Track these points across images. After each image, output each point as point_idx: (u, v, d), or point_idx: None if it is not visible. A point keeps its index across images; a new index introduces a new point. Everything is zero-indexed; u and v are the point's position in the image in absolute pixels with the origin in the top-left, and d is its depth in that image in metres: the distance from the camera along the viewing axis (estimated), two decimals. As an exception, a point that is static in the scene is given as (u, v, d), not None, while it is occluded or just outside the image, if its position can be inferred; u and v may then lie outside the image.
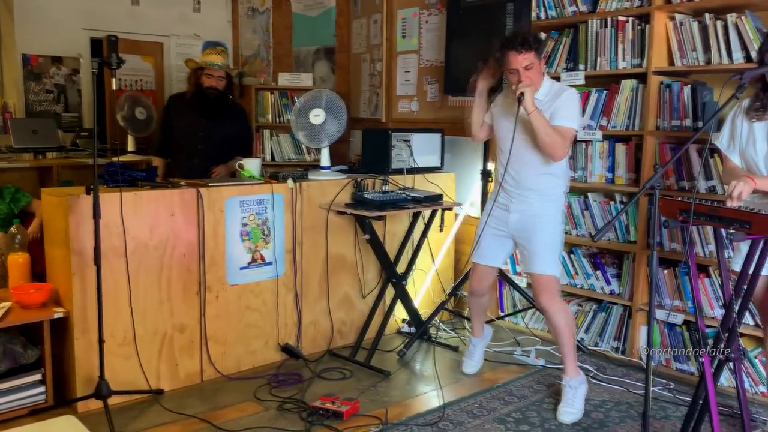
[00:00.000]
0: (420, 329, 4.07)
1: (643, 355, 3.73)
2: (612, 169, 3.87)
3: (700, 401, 2.56)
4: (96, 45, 5.91)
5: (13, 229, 3.45)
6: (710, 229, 3.37)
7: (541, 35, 4.15)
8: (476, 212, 4.40)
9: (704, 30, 3.45)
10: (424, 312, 4.24)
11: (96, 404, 2.99)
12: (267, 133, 5.67)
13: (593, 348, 3.96)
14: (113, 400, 3.00)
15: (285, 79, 5.70)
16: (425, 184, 4.17)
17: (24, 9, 5.61)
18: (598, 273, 3.95)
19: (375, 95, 5.45)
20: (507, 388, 3.47)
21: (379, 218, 3.72)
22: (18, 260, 3.31)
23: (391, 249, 4.05)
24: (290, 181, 3.70)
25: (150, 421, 3.02)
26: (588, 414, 3.17)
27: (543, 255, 3.20)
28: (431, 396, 3.39)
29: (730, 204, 2.40)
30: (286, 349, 3.74)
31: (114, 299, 3.09)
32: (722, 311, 2.86)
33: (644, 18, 3.68)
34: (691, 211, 2.35)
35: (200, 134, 4.20)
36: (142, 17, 6.21)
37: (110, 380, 2.95)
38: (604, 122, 3.86)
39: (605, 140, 3.88)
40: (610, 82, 3.85)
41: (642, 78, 3.70)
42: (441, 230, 4.11)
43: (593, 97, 3.90)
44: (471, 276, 3.51)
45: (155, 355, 3.29)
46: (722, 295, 3.02)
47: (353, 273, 4.04)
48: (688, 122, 3.52)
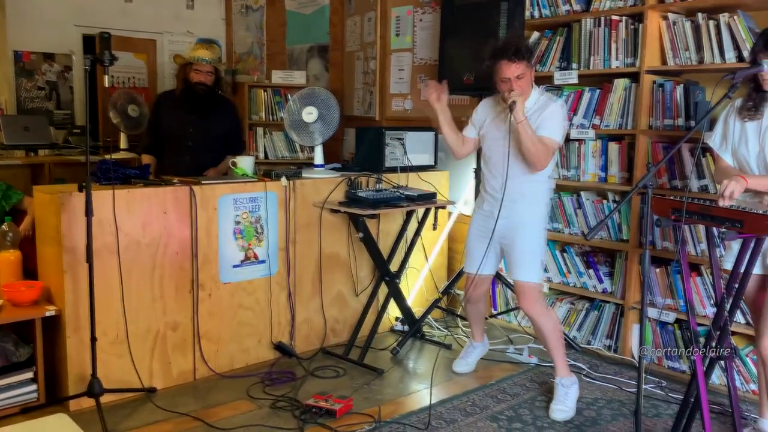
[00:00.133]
0: (413, 327, 4.07)
1: (636, 354, 3.75)
2: (605, 168, 3.88)
3: (692, 399, 2.57)
4: (88, 42, 5.87)
5: (5, 227, 3.42)
6: (702, 228, 3.39)
7: (533, 37, 4.16)
8: (469, 211, 4.41)
9: (697, 29, 3.46)
10: (417, 310, 4.25)
11: (88, 402, 2.98)
12: (260, 131, 5.66)
13: (585, 346, 3.97)
14: (105, 399, 2.99)
15: (278, 77, 5.69)
16: (419, 183, 4.17)
17: (16, 5, 5.57)
18: (591, 271, 3.97)
19: (369, 93, 5.45)
20: (500, 386, 3.48)
21: (373, 216, 3.72)
22: (9, 258, 3.29)
23: (385, 247, 4.05)
24: (284, 179, 3.69)
25: (142, 420, 3.02)
26: (580, 412, 3.18)
27: (524, 262, 3.24)
28: (424, 394, 3.39)
29: (722, 203, 2.42)
30: (280, 348, 3.74)
31: (106, 297, 3.08)
32: (714, 310, 2.87)
33: (637, 17, 3.69)
34: (684, 210, 2.36)
35: (190, 131, 4.17)
36: (135, 14, 6.18)
37: (102, 378, 2.94)
38: (597, 121, 3.87)
39: (598, 139, 3.89)
40: (603, 81, 3.86)
41: (635, 77, 3.71)
42: (434, 229, 4.12)
43: (586, 96, 3.91)
44: (466, 284, 3.54)
45: (148, 353, 3.28)
46: (714, 294, 3.04)
47: (347, 271, 4.04)
48: (681, 121, 3.54)
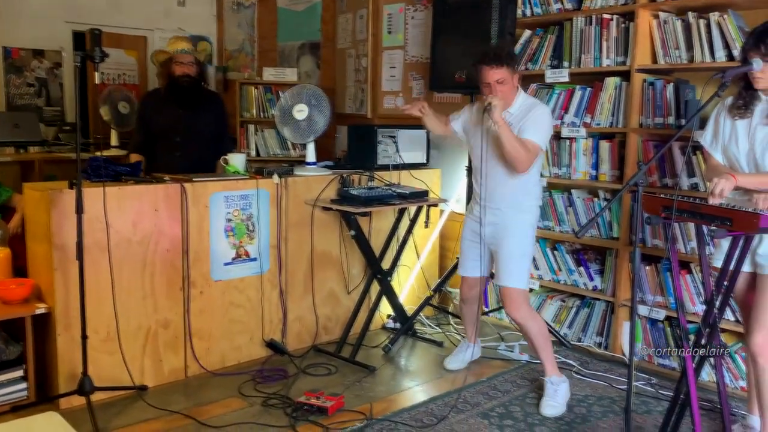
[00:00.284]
0: (405, 325, 4.08)
1: (626, 351, 3.77)
2: (596, 166, 3.89)
3: (682, 396, 2.59)
4: (78, 38, 5.84)
5: (-5, 224, 3.42)
6: (692, 226, 3.41)
7: (524, 36, 4.17)
8: (461, 209, 4.42)
9: (687, 28, 3.48)
10: (409, 308, 4.25)
11: (79, 400, 2.97)
12: (252, 128, 5.64)
13: (576, 343, 3.99)
14: (96, 397, 2.98)
15: (270, 74, 5.67)
16: (411, 180, 4.17)
17: (5, 1, 5.53)
18: (581, 269, 3.98)
19: (360, 91, 5.44)
20: (491, 383, 3.49)
21: (365, 214, 3.72)
22: (-1, 255, 3.28)
23: (377, 245, 4.05)
24: (275, 177, 3.69)
25: (134, 418, 3.01)
26: (571, 408, 3.20)
27: (509, 268, 3.26)
28: (416, 391, 3.40)
29: (712, 201, 2.43)
30: (271, 345, 3.73)
31: (97, 295, 3.07)
32: (703, 307, 2.89)
33: (628, 16, 3.70)
34: (674, 208, 2.37)
35: (180, 127, 4.09)
36: (126, 11, 6.15)
37: (93, 376, 2.93)
38: (588, 119, 3.88)
39: (589, 137, 3.90)
40: (594, 80, 3.87)
41: (626, 76, 3.72)
42: (426, 226, 4.12)
43: (577, 95, 3.92)
44: (461, 285, 3.56)
45: (139, 351, 3.27)
46: (703, 291, 3.05)
47: (338, 269, 4.04)
48: (671, 120, 3.55)
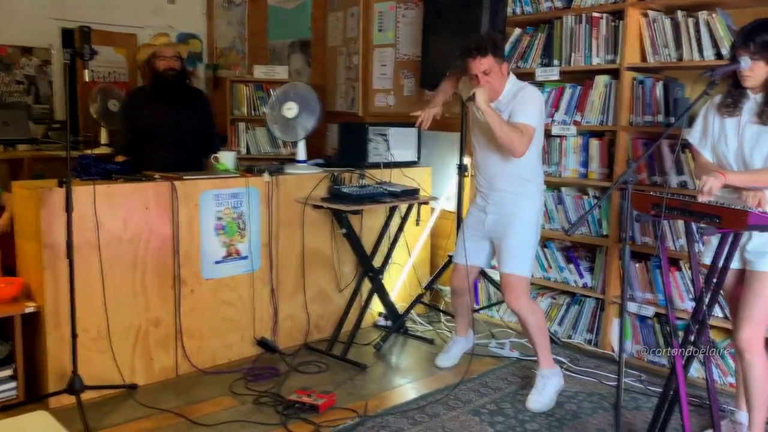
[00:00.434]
0: (396, 323, 4.08)
1: (616, 347, 3.79)
2: (585, 164, 3.91)
3: (671, 392, 2.60)
4: (67, 36, 5.80)
5: (-17, 223, 3.39)
6: (681, 223, 3.43)
7: (514, 34, 4.18)
8: (452, 207, 4.42)
9: (676, 27, 3.50)
10: (401, 306, 4.26)
11: (69, 399, 2.95)
12: (242, 126, 5.62)
13: (566, 340, 4.01)
14: (86, 395, 2.97)
15: (260, 72, 5.65)
16: (402, 179, 4.18)
17: (-8, -2, 5.49)
18: (572, 266, 4.00)
19: (351, 89, 5.44)
20: (482, 380, 3.50)
21: (356, 212, 3.72)
22: (-12, 254, 3.26)
23: (368, 243, 4.05)
24: (266, 175, 3.68)
25: (124, 416, 3.00)
26: (561, 405, 3.21)
27: (512, 254, 3.25)
28: (407, 389, 3.41)
29: (701, 199, 2.45)
30: (262, 343, 3.73)
31: (87, 293, 3.06)
32: (693, 304, 2.91)
33: (618, 14, 3.72)
34: (663, 206, 2.38)
35: (168, 125, 4.01)
36: (115, 8, 6.10)
37: (84, 375, 2.92)
38: (578, 117, 3.90)
39: (579, 135, 3.92)
40: (584, 78, 3.89)
41: (615, 74, 3.74)
42: (417, 224, 4.12)
43: (567, 93, 3.94)
44: (452, 275, 3.54)
45: (129, 350, 3.26)
46: (693, 288, 3.07)
47: (330, 267, 4.04)
48: (661, 118, 3.57)
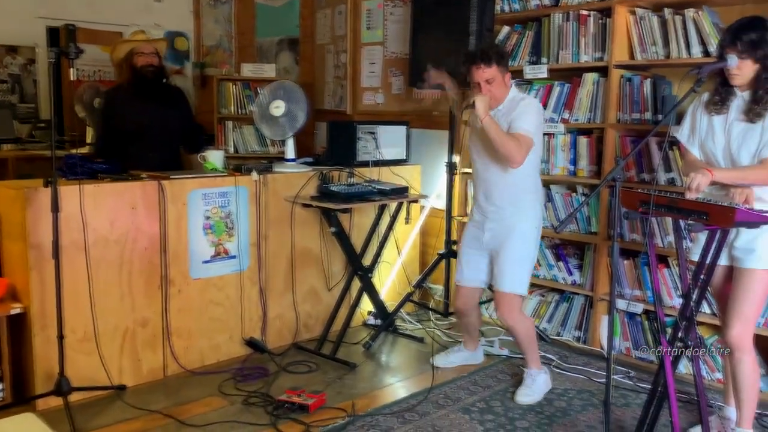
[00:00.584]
0: (386, 321, 4.08)
1: (605, 344, 3.80)
2: (574, 162, 3.92)
3: (659, 388, 2.61)
4: (53, 34, 5.75)
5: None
6: (670, 220, 3.44)
7: (503, 32, 4.18)
8: (442, 205, 4.42)
9: (664, 25, 3.51)
10: (390, 304, 4.25)
11: (56, 401, 2.93)
12: (230, 125, 5.60)
13: (555, 337, 4.02)
14: (74, 397, 2.95)
15: (248, 70, 5.62)
16: (391, 177, 4.17)
17: (-24, -4, 5.44)
18: (561, 264, 4.01)
19: (340, 87, 5.42)
20: (472, 378, 3.50)
21: (345, 211, 3.71)
22: (-27, 255, 3.22)
23: (357, 242, 4.04)
24: (254, 174, 3.66)
25: (112, 418, 2.98)
26: (551, 402, 3.22)
27: (509, 271, 3.22)
28: (397, 387, 3.41)
29: (689, 196, 2.46)
30: (251, 343, 3.71)
31: (74, 294, 3.03)
32: (681, 300, 2.92)
33: (606, 12, 3.73)
34: (651, 203, 2.39)
35: (154, 124, 3.97)
36: (101, 6, 6.05)
37: (71, 377, 2.90)
38: (567, 115, 3.91)
39: (567, 133, 3.93)
40: (573, 76, 3.90)
41: (603, 71, 3.75)
42: (407, 222, 4.12)
43: (556, 91, 3.95)
44: (456, 297, 3.50)
45: (117, 351, 3.24)
46: (681, 285, 3.09)
47: (319, 266, 4.02)
48: (648, 115, 3.59)
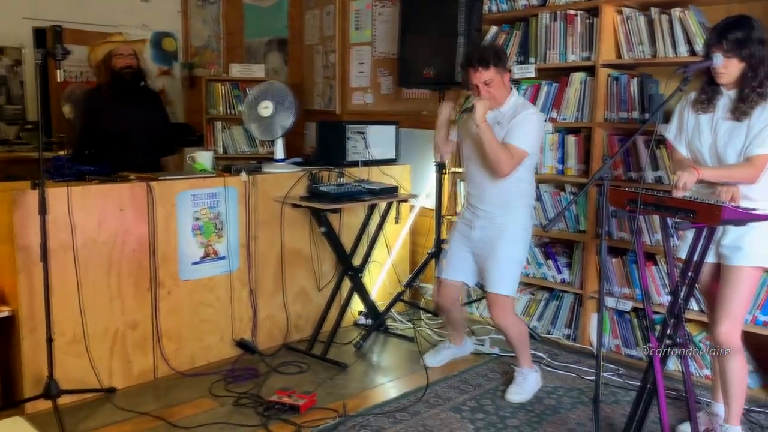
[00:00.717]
0: (377, 321, 4.08)
1: (594, 342, 3.82)
2: (562, 161, 3.93)
3: (649, 385, 2.63)
4: (39, 35, 5.71)
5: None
6: (657, 218, 3.46)
7: (491, 32, 4.19)
8: (431, 204, 4.43)
9: (650, 24, 3.53)
10: (381, 304, 4.26)
11: (45, 404, 2.91)
12: (219, 125, 5.58)
13: (545, 336, 4.03)
14: (63, 400, 2.93)
15: (237, 71, 5.61)
16: (381, 177, 4.18)
17: (-39, -3, 5.39)
18: (550, 262, 4.03)
19: (329, 87, 5.42)
20: (462, 377, 3.51)
21: (335, 211, 3.71)
22: (-40, 258, 3.19)
23: (347, 242, 4.04)
24: (243, 174, 3.65)
25: (102, 420, 2.96)
26: (541, 400, 3.23)
27: (499, 273, 3.22)
28: (388, 387, 3.41)
29: (676, 194, 2.47)
30: (242, 344, 3.70)
31: (62, 296, 3.02)
32: (669, 298, 2.94)
33: (593, 12, 3.75)
34: (639, 201, 2.40)
35: (133, 127, 3.94)
36: (88, 6, 6.01)
37: (60, 379, 2.88)
38: (555, 114, 3.92)
39: (556, 132, 3.94)
40: (560, 75, 3.91)
41: (591, 71, 3.76)
42: (397, 222, 4.13)
43: (544, 90, 3.96)
44: (439, 292, 3.48)
45: (107, 353, 3.22)
46: (669, 282, 3.11)
47: (309, 266, 4.02)
48: (636, 114, 3.61)
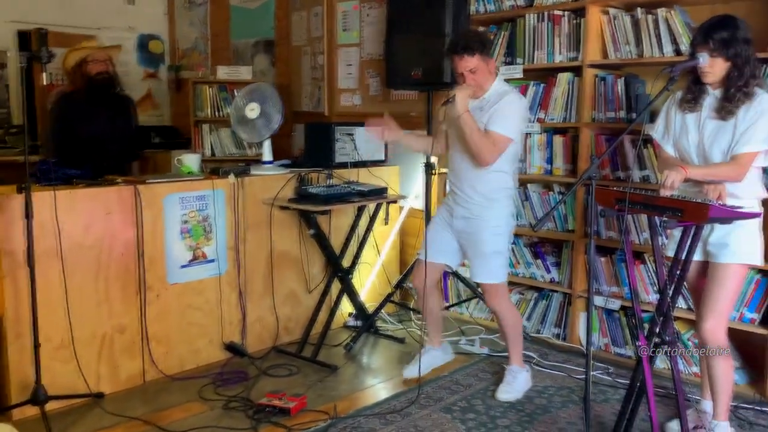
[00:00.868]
0: (366, 322, 4.08)
1: (583, 341, 3.83)
2: (550, 161, 3.95)
3: (638, 384, 2.64)
4: (23, 38, 5.67)
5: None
6: (645, 217, 3.48)
7: (487, 33, 4.20)
8: (420, 205, 4.43)
9: (636, 24, 3.55)
10: (371, 305, 4.25)
11: (33, 410, 2.89)
12: (206, 128, 5.55)
13: (535, 335, 4.05)
14: (51, 406, 2.91)
15: (224, 73, 5.58)
16: (369, 178, 4.17)
17: (-56, 0, 5.34)
18: (539, 262, 4.04)
19: (317, 89, 5.41)
20: (453, 378, 3.52)
21: (324, 213, 3.71)
22: (-56, 263, 3.15)
23: (337, 243, 4.03)
24: (231, 177, 3.64)
25: (90, 426, 2.94)
26: (531, 400, 3.24)
27: (485, 264, 3.22)
28: (379, 388, 3.41)
29: (663, 193, 2.49)
30: (231, 348, 3.69)
31: (49, 301, 2.99)
32: (657, 296, 2.95)
33: (579, 12, 3.76)
34: (627, 201, 2.41)
35: (107, 132, 3.94)
36: (74, 9, 5.97)
37: (48, 385, 2.86)
38: (542, 115, 3.94)
39: (543, 132, 3.96)
40: (548, 76, 3.93)
41: (578, 71, 3.78)
42: (386, 223, 4.13)
43: (531, 90, 3.97)
44: (416, 274, 3.40)
45: (94, 358, 3.20)
46: (657, 281, 3.12)
47: (298, 268, 4.01)
48: (622, 114, 3.63)
